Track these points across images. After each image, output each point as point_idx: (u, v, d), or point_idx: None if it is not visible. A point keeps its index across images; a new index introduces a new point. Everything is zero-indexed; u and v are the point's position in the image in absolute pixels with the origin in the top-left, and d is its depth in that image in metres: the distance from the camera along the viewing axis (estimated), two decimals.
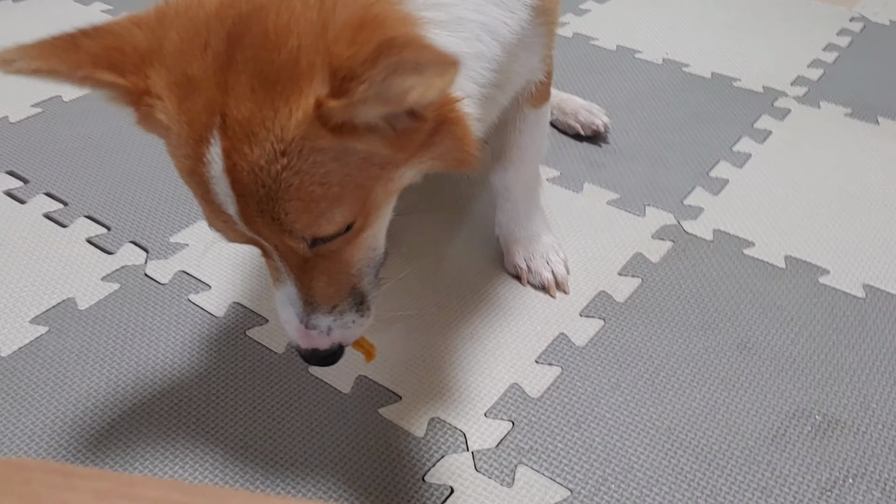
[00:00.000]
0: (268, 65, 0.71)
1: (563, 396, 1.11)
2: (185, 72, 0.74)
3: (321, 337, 0.87)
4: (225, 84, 0.72)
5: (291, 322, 0.87)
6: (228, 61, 0.72)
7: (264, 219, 0.76)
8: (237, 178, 0.74)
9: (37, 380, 1.12)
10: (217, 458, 1.02)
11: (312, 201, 0.74)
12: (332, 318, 0.86)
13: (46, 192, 1.48)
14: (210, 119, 0.72)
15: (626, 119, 1.73)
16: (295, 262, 0.83)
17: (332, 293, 0.86)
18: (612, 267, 1.34)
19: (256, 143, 0.71)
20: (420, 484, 1.00)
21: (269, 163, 0.72)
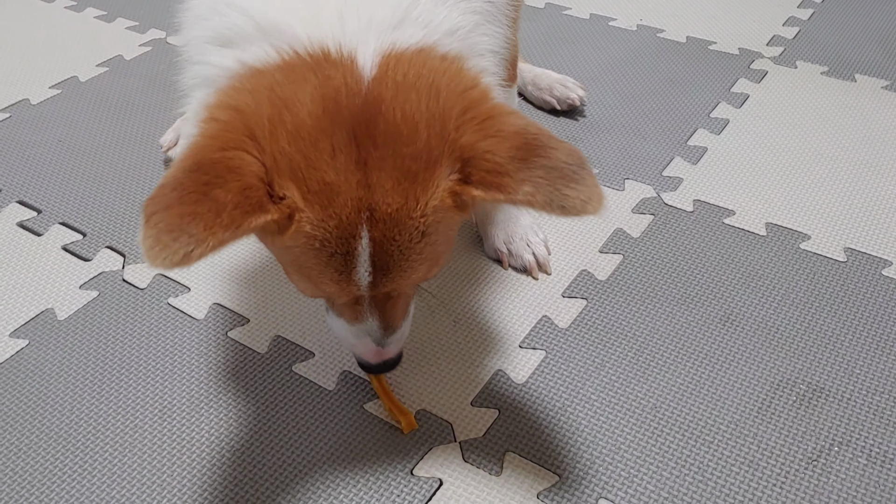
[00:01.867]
0: (407, 159, 0.75)
1: (549, 380, 1.11)
2: (319, 179, 0.74)
3: (387, 350, 0.94)
4: (367, 182, 0.75)
5: (369, 348, 0.93)
6: (364, 160, 0.75)
7: (395, 279, 0.83)
8: (381, 260, 0.80)
9: (20, 394, 1.11)
10: (203, 462, 1.02)
11: (431, 259, 0.83)
12: (398, 334, 0.94)
13: (19, 201, 1.46)
14: (358, 216, 0.76)
15: (601, 90, 1.71)
16: (383, 304, 0.89)
17: (402, 315, 0.93)
18: (592, 245, 1.33)
19: (405, 229, 0.78)
20: (409, 478, 1.00)
21: (414, 242, 0.79)
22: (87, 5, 2.09)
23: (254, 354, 1.16)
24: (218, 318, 1.22)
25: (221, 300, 1.24)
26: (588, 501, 0.97)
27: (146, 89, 1.76)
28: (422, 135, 0.75)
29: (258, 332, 1.19)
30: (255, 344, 1.17)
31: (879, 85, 1.71)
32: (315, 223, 0.76)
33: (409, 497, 0.98)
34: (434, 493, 0.98)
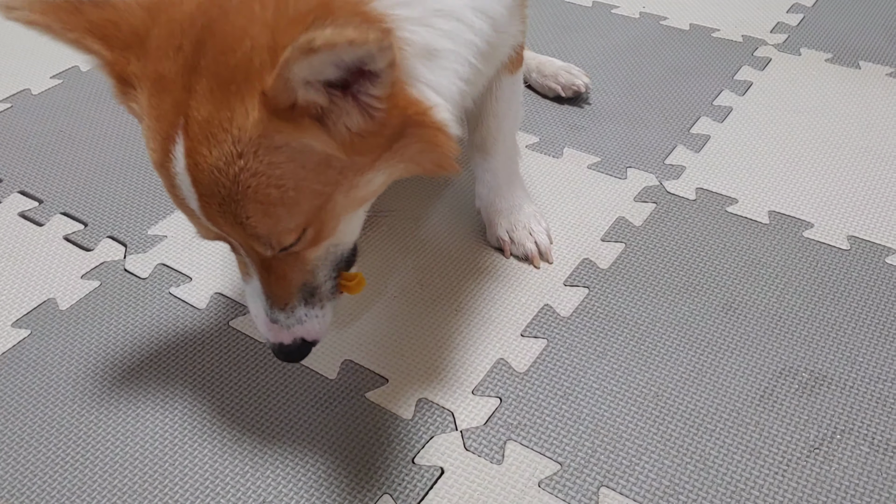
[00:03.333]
0: (224, 67, 0.72)
1: (550, 369, 1.11)
2: (158, 70, 0.76)
3: (283, 332, 0.89)
4: (189, 86, 0.73)
5: (260, 315, 0.90)
6: (194, 65, 0.74)
7: (227, 220, 0.77)
8: (198, 178, 0.75)
9: (22, 385, 1.11)
10: (206, 451, 1.02)
11: (270, 205, 0.75)
12: (285, 315, 0.89)
13: (20, 191, 1.46)
14: (175, 119, 0.74)
15: (604, 78, 1.70)
16: (258, 260, 0.85)
17: (283, 292, 0.87)
18: (594, 233, 1.33)
19: (215, 144, 0.73)
20: (410, 466, 1.00)
21: (227, 164, 0.73)
22: None
23: (256, 344, 1.16)
24: (219, 307, 1.22)
25: (223, 290, 1.24)
26: (590, 490, 0.97)
27: None
28: (245, 44, 0.72)
29: None
30: (256, 333, 1.17)
31: (884, 72, 1.70)
32: (142, 106, 0.77)
33: (410, 485, 0.98)
34: (435, 481, 0.98)
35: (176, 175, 0.77)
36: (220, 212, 0.76)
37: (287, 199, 0.76)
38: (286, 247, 0.81)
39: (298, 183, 0.76)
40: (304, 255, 0.86)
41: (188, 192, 0.77)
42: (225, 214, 0.76)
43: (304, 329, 0.90)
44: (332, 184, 0.79)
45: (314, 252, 0.87)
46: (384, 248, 1.30)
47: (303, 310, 0.89)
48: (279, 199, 0.76)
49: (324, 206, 0.80)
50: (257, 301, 0.89)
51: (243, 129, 0.72)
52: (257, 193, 0.75)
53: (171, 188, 0.80)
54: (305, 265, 0.87)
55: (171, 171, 0.77)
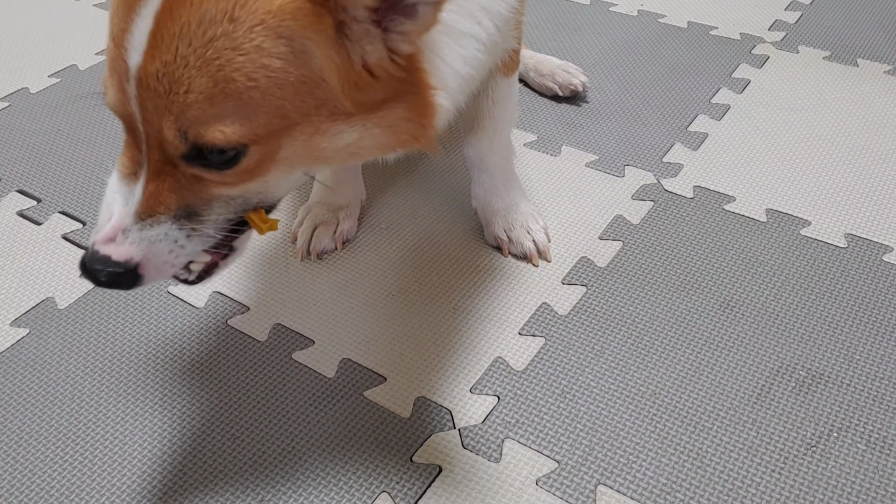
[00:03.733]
0: None
1: (548, 367, 1.11)
2: None
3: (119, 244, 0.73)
4: None
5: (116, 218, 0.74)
6: None
7: (160, 86, 0.66)
8: (164, 24, 0.65)
9: (21, 383, 1.12)
10: (205, 450, 1.02)
11: (224, 92, 0.66)
12: (139, 227, 0.74)
13: (19, 190, 1.46)
14: None
15: (602, 76, 1.70)
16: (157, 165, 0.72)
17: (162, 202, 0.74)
18: (592, 231, 1.33)
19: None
20: (408, 465, 1.00)
21: (210, 21, 0.64)
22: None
23: (254, 342, 1.16)
24: (218, 306, 1.22)
25: (221, 289, 1.25)
26: (587, 487, 0.97)
27: None
28: None
29: (258, 321, 1.19)
30: (254, 332, 1.17)
31: (882, 69, 1.70)
32: None
33: (408, 483, 0.98)
34: (433, 479, 0.99)
35: (136, 17, 0.66)
36: (161, 73, 0.66)
37: (247, 97, 0.66)
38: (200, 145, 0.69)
39: (271, 87, 0.67)
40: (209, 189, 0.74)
41: (137, 41, 0.67)
42: (164, 77, 0.66)
43: (149, 250, 0.74)
44: (301, 112, 0.70)
45: (221, 190, 0.75)
46: (382, 247, 1.30)
47: (166, 227, 0.74)
48: (237, 91, 0.66)
49: (278, 134, 0.70)
50: (124, 207, 0.74)
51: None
52: (221, 69, 0.65)
53: (118, 32, 0.68)
54: (203, 195, 0.75)
55: (134, 10, 0.67)
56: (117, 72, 0.70)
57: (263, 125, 0.69)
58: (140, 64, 0.67)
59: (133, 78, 0.68)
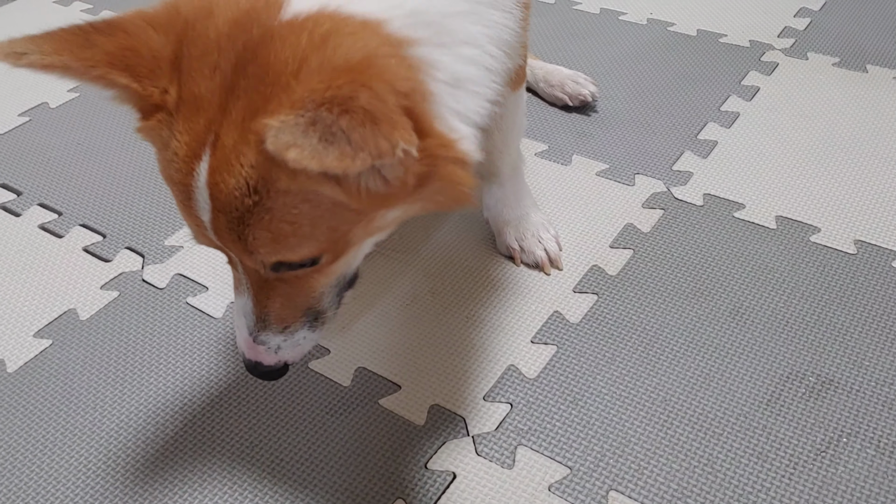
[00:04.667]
0: (259, 97, 0.71)
1: (560, 375, 1.13)
2: (193, 91, 0.74)
3: (268, 353, 0.88)
4: (225, 107, 0.72)
5: (242, 332, 0.88)
6: (232, 86, 0.72)
7: (232, 237, 0.76)
8: (216, 195, 0.74)
9: (44, 394, 1.14)
10: (224, 458, 1.05)
11: (280, 235, 0.75)
12: (283, 338, 0.88)
13: (40, 203, 1.49)
14: (206, 137, 0.73)
15: (612, 85, 1.72)
16: (256, 279, 0.84)
17: (287, 315, 0.87)
18: (603, 240, 1.34)
19: (233, 174, 0.72)
20: (423, 472, 1.02)
21: (242, 195, 0.72)
22: (103, 8, 2.12)
23: None
24: None
25: None
26: (599, 493, 0.99)
27: None
28: (280, 78, 0.70)
29: None
30: None
31: (891, 75, 1.71)
32: (173, 130, 0.75)
33: (423, 490, 1.00)
34: (448, 486, 1.01)
35: (195, 189, 0.75)
36: (228, 229, 0.76)
37: (299, 233, 0.75)
38: (283, 263, 0.79)
39: (313, 220, 0.75)
40: (311, 284, 0.85)
41: (203, 204, 0.76)
42: (231, 232, 0.76)
43: (294, 352, 0.90)
44: (349, 222, 0.78)
45: (321, 280, 0.86)
46: (395, 257, 1.33)
47: (304, 332, 0.89)
48: (290, 233, 0.75)
49: (339, 240, 0.79)
50: (241, 318, 0.88)
51: (256, 168, 0.71)
52: (270, 225, 0.74)
53: (185, 199, 0.78)
54: (312, 293, 0.87)
55: (192, 185, 0.75)
56: (192, 223, 0.80)
57: (323, 240, 0.78)
58: (210, 220, 0.77)
59: (210, 229, 0.78)
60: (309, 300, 0.87)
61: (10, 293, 1.31)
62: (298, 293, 0.85)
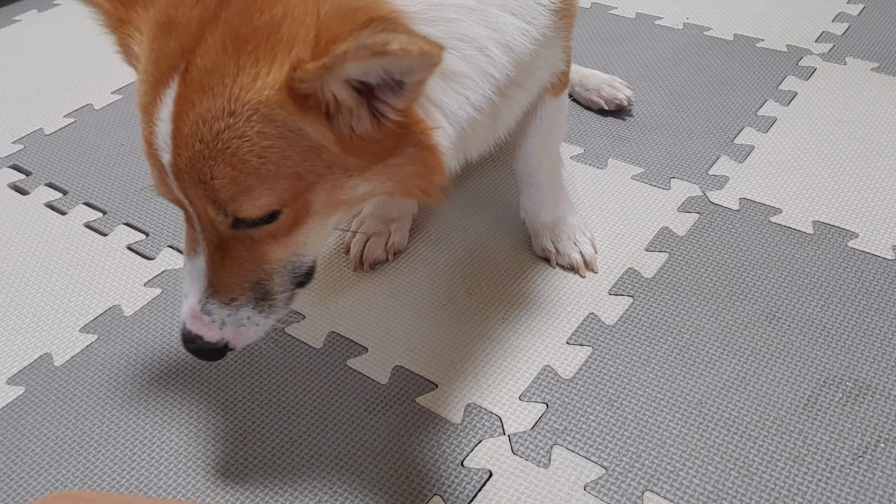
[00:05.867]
0: (245, 24, 0.72)
1: (595, 376, 1.14)
2: (169, 14, 0.75)
3: (211, 327, 0.85)
4: (201, 35, 0.73)
5: (191, 297, 0.85)
6: (213, 16, 0.74)
7: (192, 177, 0.75)
8: (179, 126, 0.74)
9: (91, 387, 1.18)
10: (264, 452, 1.07)
11: (243, 172, 0.74)
12: (227, 313, 0.85)
13: (86, 202, 1.53)
14: (175, 62, 0.74)
15: (648, 89, 1.73)
16: (212, 238, 0.82)
17: (234, 284, 0.84)
18: (639, 243, 1.35)
19: (209, 95, 0.72)
20: (459, 469, 1.04)
21: (214, 118, 0.72)
22: None
23: (310, 349, 1.20)
24: None
25: None
26: (634, 494, 0.99)
27: None
28: (277, 10, 0.72)
29: (314, 329, 1.23)
30: (311, 339, 1.22)
31: None
32: (142, 48, 0.76)
33: (459, 487, 1.02)
34: (484, 483, 1.02)
35: (158, 121, 0.75)
36: (189, 167, 0.75)
37: (264, 171, 0.74)
38: (243, 220, 0.78)
39: (281, 160, 0.74)
40: (265, 251, 0.83)
41: (163, 141, 0.75)
42: (192, 170, 0.75)
43: (237, 332, 0.86)
44: (315, 173, 0.77)
45: (277, 251, 0.84)
46: (432, 258, 1.34)
47: (248, 311, 0.85)
48: (254, 169, 0.74)
49: (302, 194, 0.78)
50: (192, 282, 0.84)
51: (244, 90, 0.71)
52: (234, 156, 0.73)
53: (148, 135, 0.77)
54: (263, 262, 0.84)
55: (155, 116, 0.75)
56: (157, 167, 0.79)
57: (286, 189, 0.77)
58: (171, 160, 0.76)
59: (170, 172, 0.77)
60: (259, 272, 0.84)
61: (57, 289, 1.34)
62: (251, 259, 0.83)
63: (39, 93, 1.87)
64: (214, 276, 0.83)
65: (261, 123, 0.72)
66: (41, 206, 1.53)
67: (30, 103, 1.83)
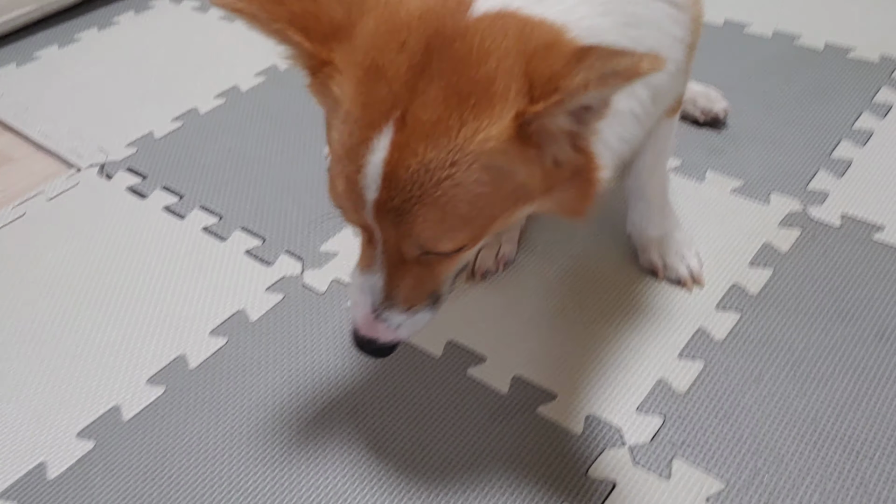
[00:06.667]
0: (465, 80, 0.77)
1: (710, 390, 1.18)
2: (374, 59, 0.80)
3: (387, 330, 0.93)
4: (414, 86, 0.78)
5: (363, 308, 0.92)
6: (423, 67, 0.78)
7: (396, 217, 0.81)
8: (396, 171, 0.79)
9: (225, 389, 1.25)
10: (386, 459, 1.13)
11: (451, 217, 0.80)
12: (405, 317, 0.93)
13: (201, 206, 1.60)
14: (389, 111, 0.78)
15: (740, 99, 1.75)
16: (393, 261, 0.88)
17: (414, 297, 0.92)
18: (742, 258, 1.38)
19: (432, 146, 0.77)
20: (583, 479, 1.09)
21: (437, 167, 0.78)
22: None
23: (430, 358, 1.26)
24: None
25: None
26: None
27: (300, 99, 1.88)
28: (490, 64, 0.76)
29: (434, 338, 1.29)
30: (431, 349, 1.27)
31: None
32: (344, 91, 0.80)
33: (585, 497, 1.07)
34: (608, 494, 1.07)
35: (368, 163, 0.79)
36: (397, 208, 0.80)
37: (468, 216, 0.81)
38: (436, 252, 0.85)
39: (486, 205, 0.81)
40: (441, 269, 0.91)
41: (372, 182, 0.80)
42: (400, 211, 0.80)
43: (408, 331, 0.94)
44: (504, 210, 0.84)
45: (451, 266, 0.92)
46: (541, 270, 1.39)
47: (423, 314, 0.94)
48: (463, 214, 0.80)
49: (487, 228, 0.85)
50: (367, 296, 0.91)
51: (468, 142, 0.77)
52: (449, 203, 0.79)
53: (351, 174, 0.81)
54: (440, 276, 0.92)
55: (364, 158, 0.80)
56: (352, 200, 0.84)
57: (480, 228, 0.85)
58: (377, 199, 0.81)
59: (370, 208, 0.83)
60: (436, 284, 0.93)
61: (185, 293, 1.42)
62: (429, 277, 0.91)
63: (145, 96, 1.95)
64: (393, 291, 0.90)
65: (479, 172, 0.78)
66: (160, 210, 1.60)
67: (138, 107, 1.91)
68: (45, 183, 1.71)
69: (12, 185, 1.72)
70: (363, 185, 0.81)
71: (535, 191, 0.84)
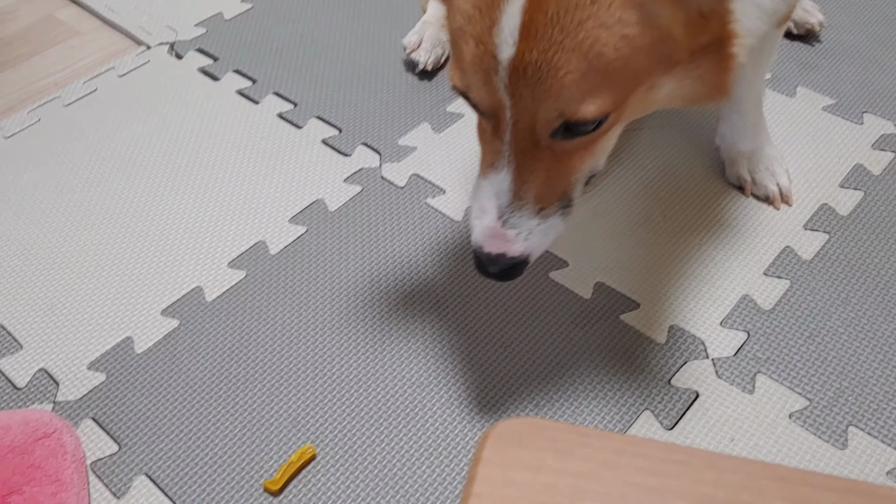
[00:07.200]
0: None
1: (795, 309, 1.17)
2: None
3: (516, 241, 0.83)
4: None
5: (489, 215, 0.83)
6: None
7: (536, 73, 0.73)
8: (535, 17, 0.71)
9: (306, 276, 1.25)
10: (472, 355, 1.14)
11: (596, 66, 0.72)
12: (536, 222, 0.83)
13: (275, 92, 1.58)
14: None
15: (836, 14, 1.67)
16: (523, 149, 0.80)
17: (546, 194, 0.83)
18: (832, 178, 1.35)
19: None
20: (667, 387, 1.10)
21: (577, 6, 0.70)
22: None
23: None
24: None
25: None
26: (839, 427, 1.05)
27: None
28: None
29: None
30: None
31: None
32: None
33: (669, 405, 1.08)
34: (691, 403, 1.08)
35: (504, 14, 0.72)
36: (539, 59, 0.72)
37: (614, 67, 0.73)
38: (574, 123, 0.76)
39: (632, 54, 0.73)
40: (575, 161, 0.83)
41: (509, 36, 0.73)
42: (541, 64, 0.72)
43: (541, 242, 0.85)
44: (648, 70, 0.76)
45: (586, 159, 0.84)
46: (626, 179, 1.37)
47: (555, 219, 0.85)
48: (607, 63, 0.72)
49: (627, 96, 0.77)
50: (490, 199, 0.82)
51: None
52: (592, 48, 0.71)
53: (483, 32, 0.74)
54: (573, 172, 0.84)
55: (499, 9, 0.72)
56: (482, 68, 0.76)
57: (623, 91, 0.77)
58: (513, 55, 0.73)
59: (505, 70, 0.75)
60: (569, 182, 0.85)
61: (262, 179, 1.41)
62: (561, 171, 0.83)
63: None
64: (523, 189, 0.82)
65: (621, 10, 0.71)
66: (233, 94, 1.58)
67: None
68: (115, 59, 1.69)
69: (81, 59, 1.70)
70: (497, 42, 0.74)
71: (678, 49, 0.77)
